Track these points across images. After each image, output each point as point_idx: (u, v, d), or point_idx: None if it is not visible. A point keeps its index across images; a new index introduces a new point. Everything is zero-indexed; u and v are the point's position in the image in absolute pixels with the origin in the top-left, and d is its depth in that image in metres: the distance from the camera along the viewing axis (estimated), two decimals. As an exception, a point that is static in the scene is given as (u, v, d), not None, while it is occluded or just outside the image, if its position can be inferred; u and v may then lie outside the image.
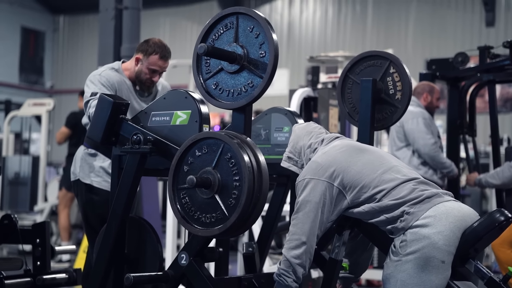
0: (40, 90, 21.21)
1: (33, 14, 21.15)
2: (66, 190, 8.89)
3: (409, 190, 3.19)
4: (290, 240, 3.23)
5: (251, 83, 3.09)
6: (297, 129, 3.56)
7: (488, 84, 6.51)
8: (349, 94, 4.14)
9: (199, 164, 3.01)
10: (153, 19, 18.29)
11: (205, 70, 3.23)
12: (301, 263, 3.20)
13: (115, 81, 4.35)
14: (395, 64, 4.02)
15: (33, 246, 3.90)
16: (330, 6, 17.82)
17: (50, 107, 10.04)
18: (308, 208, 3.22)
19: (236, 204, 2.90)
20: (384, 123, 4.06)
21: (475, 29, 15.89)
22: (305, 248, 3.20)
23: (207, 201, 2.99)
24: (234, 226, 2.92)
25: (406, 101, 3.98)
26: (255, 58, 3.08)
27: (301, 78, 16.50)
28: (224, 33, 3.17)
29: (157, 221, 7.53)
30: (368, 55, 4.11)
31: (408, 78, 3.97)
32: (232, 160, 2.93)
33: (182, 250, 3.28)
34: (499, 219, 3.11)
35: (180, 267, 3.27)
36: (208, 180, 2.95)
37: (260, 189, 2.92)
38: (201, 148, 3.01)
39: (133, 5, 8.05)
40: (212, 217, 2.97)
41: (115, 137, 3.49)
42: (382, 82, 4.01)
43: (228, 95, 3.15)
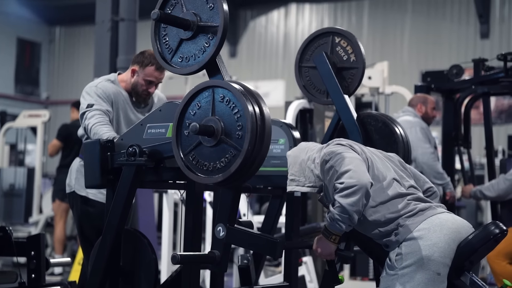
0: (36, 101, 21.19)
1: (29, 25, 21.15)
2: (59, 201, 8.86)
3: (403, 204, 3.20)
4: (344, 188, 3.07)
5: (211, 37, 3.12)
6: (291, 152, 3.53)
7: (483, 96, 6.54)
8: (309, 81, 4.36)
9: (197, 121, 3.00)
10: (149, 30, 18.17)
11: (167, 50, 3.27)
12: (358, 209, 3.07)
13: (111, 92, 4.36)
14: (337, 33, 4.27)
15: (28, 259, 3.89)
16: (326, 17, 17.87)
17: (45, 119, 10.03)
18: (357, 162, 3.16)
19: (242, 139, 2.91)
20: (351, 87, 4.25)
21: (470, 41, 15.94)
22: (362, 192, 3.06)
23: (215, 149, 2.99)
24: (237, 173, 2.92)
25: (362, 59, 4.20)
26: (207, 17, 3.14)
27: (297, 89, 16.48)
28: (174, 8, 3.24)
29: (152, 233, 7.52)
30: (310, 39, 4.33)
31: (354, 39, 4.23)
32: (225, 98, 2.96)
33: (216, 224, 3.18)
34: (494, 231, 3.12)
35: (221, 241, 3.15)
36: (211, 127, 2.96)
37: (262, 135, 2.93)
38: (194, 106, 3.05)
39: (129, 17, 8.08)
40: (221, 162, 2.97)
41: (112, 175, 3.48)
42: (332, 54, 4.24)
43: (194, 59, 3.18)
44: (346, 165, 3.12)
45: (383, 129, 4.14)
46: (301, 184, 3.41)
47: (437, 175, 6.23)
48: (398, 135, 4.10)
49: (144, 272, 3.55)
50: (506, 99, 15.24)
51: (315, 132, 6.79)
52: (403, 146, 4.08)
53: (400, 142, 4.09)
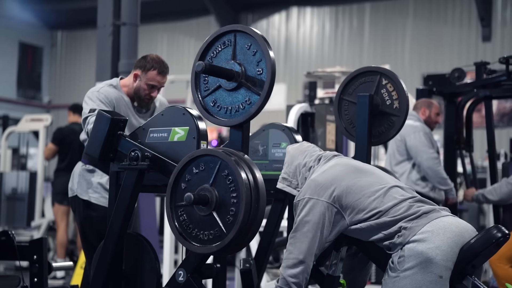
0: (38, 105, 21.21)
1: (31, 30, 21.17)
2: (58, 204, 8.87)
3: (406, 207, 3.20)
4: (287, 258, 3.23)
5: (249, 100, 3.11)
6: (291, 150, 3.56)
7: (485, 100, 6.54)
8: (347, 114, 4.16)
9: (196, 182, 3.02)
10: (150, 34, 18.31)
11: (204, 87, 3.25)
12: (298, 282, 3.20)
13: (113, 97, 4.36)
14: (385, 75, 4.05)
15: (30, 263, 3.89)
16: (327, 21, 17.88)
17: (47, 123, 10.04)
18: (307, 228, 3.22)
19: (234, 221, 2.90)
20: (384, 136, 4.07)
21: (472, 44, 15.94)
22: (302, 267, 3.20)
23: (205, 218, 2.99)
24: (232, 243, 2.92)
25: (405, 108, 3.99)
26: (253, 75, 3.10)
27: (299, 93, 16.54)
28: (222, 50, 3.19)
29: (154, 237, 7.52)
30: (358, 73, 4.14)
31: (401, 86, 4.00)
32: (229, 177, 2.94)
33: (180, 267, 3.28)
34: (496, 235, 3.12)
35: (178, 284, 3.26)
36: (206, 197, 2.96)
37: (257, 205, 2.93)
38: (198, 165, 3.03)
39: (131, 21, 8.09)
40: (210, 234, 2.98)
41: (113, 154, 3.50)
42: (377, 95, 4.03)
43: (226, 112, 3.17)
44: (296, 230, 3.24)
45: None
46: (293, 186, 3.46)
47: (441, 181, 6.22)
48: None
49: (146, 276, 3.55)
50: (508, 102, 15.24)
51: (317, 135, 6.79)
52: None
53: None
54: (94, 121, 3.61)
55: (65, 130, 8.99)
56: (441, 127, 7.66)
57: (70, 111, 9.17)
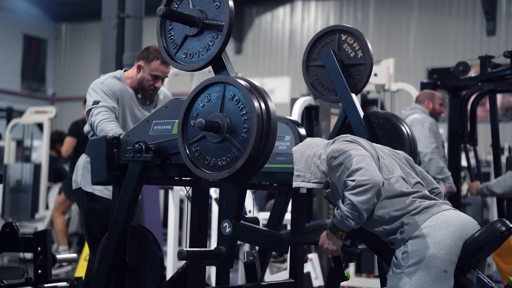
0: (42, 97, 21.23)
1: (36, 22, 21.19)
2: (65, 196, 8.87)
3: (408, 202, 3.19)
4: (356, 185, 3.07)
5: (216, 35, 3.14)
6: (297, 148, 3.53)
7: (489, 94, 6.53)
8: (317, 79, 4.35)
9: (204, 114, 3.04)
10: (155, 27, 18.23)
11: (172, 45, 3.30)
12: (368, 208, 3.09)
13: (117, 89, 4.36)
14: (343, 31, 4.24)
15: (34, 254, 3.90)
16: (331, 14, 17.85)
17: (52, 115, 10.04)
18: (368, 160, 3.16)
19: (248, 138, 2.93)
20: (358, 85, 4.24)
21: (476, 38, 15.91)
22: (375, 190, 3.07)
23: (219, 145, 3.01)
24: (246, 165, 2.94)
25: (369, 54, 4.18)
26: (213, 15, 3.16)
27: (303, 86, 16.50)
28: (180, 4, 3.26)
29: (158, 229, 7.53)
30: (316, 37, 4.32)
31: (361, 35, 4.21)
32: (236, 97, 2.98)
33: (222, 221, 3.20)
34: (500, 229, 3.11)
35: (227, 237, 3.18)
36: (217, 123, 2.98)
37: (269, 124, 2.95)
38: (204, 98, 3.07)
39: (135, 14, 8.08)
40: (227, 158, 3.00)
41: (119, 171, 3.49)
42: (339, 51, 4.22)
43: (199, 56, 3.20)
44: (358, 163, 3.12)
45: (389, 127, 4.14)
46: (307, 180, 3.41)
47: (437, 169, 6.24)
48: (404, 133, 4.09)
49: (150, 268, 3.55)
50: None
51: (321, 129, 6.79)
52: (409, 144, 4.07)
53: (406, 140, 4.08)
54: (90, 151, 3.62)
55: (81, 123, 8.97)
56: (445, 121, 7.66)
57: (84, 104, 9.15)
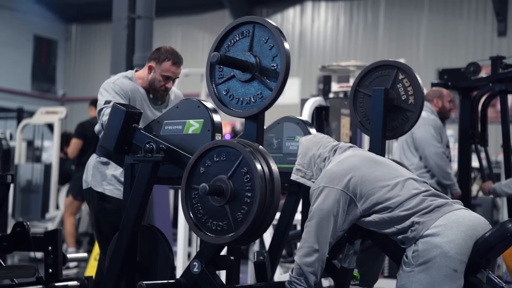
0: (52, 98, 21.29)
1: (46, 23, 21.25)
2: (72, 198, 8.89)
3: (419, 200, 3.19)
4: (302, 247, 3.22)
5: (261, 94, 3.13)
6: (304, 141, 3.56)
7: (500, 94, 6.50)
8: (361, 105, 4.14)
9: (215, 170, 3.04)
10: (165, 28, 18.33)
11: (218, 75, 3.27)
12: (313, 271, 3.20)
13: (129, 89, 4.37)
14: (402, 70, 4.02)
15: (45, 254, 3.92)
16: (341, 15, 17.83)
17: (62, 115, 10.08)
18: (322, 216, 3.22)
19: (248, 212, 2.91)
20: (398, 131, 4.06)
21: (487, 39, 15.85)
22: (318, 256, 3.20)
23: (219, 209, 3.00)
24: (246, 235, 2.93)
25: (420, 104, 3.98)
26: (267, 69, 3.12)
27: (313, 87, 16.52)
28: (240, 40, 3.21)
29: (168, 229, 7.54)
30: (375, 66, 4.12)
31: (417, 81, 3.97)
32: (244, 168, 2.95)
33: (195, 258, 3.29)
34: (511, 229, 3.11)
35: (193, 275, 3.28)
36: (221, 188, 2.97)
37: (272, 198, 2.94)
38: (220, 154, 3.04)
39: (146, 14, 8.10)
40: (224, 225, 2.99)
41: (127, 146, 3.51)
42: (393, 89, 4.01)
43: (238, 103, 3.20)
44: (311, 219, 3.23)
45: None
46: (307, 177, 3.46)
47: (445, 175, 6.23)
48: None
49: (160, 268, 3.56)
50: (523, 97, 15.14)
51: (331, 129, 6.78)
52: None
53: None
54: (109, 113, 3.63)
55: (87, 124, 9.00)
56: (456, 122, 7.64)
57: (91, 105, 9.17)
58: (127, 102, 4.31)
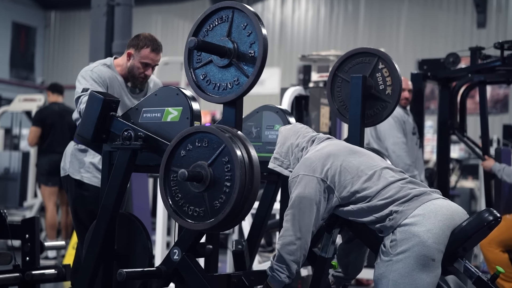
0: (31, 86, 21.14)
1: (25, 10, 21.08)
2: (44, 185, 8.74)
3: (397, 189, 3.20)
4: (284, 236, 3.20)
5: (237, 80, 3.12)
6: (284, 130, 3.55)
7: (479, 85, 6.54)
8: (339, 92, 4.11)
9: (196, 155, 3.02)
10: (145, 16, 18.24)
11: (196, 59, 3.26)
12: (296, 259, 3.18)
13: (107, 77, 4.35)
14: (383, 59, 4.00)
15: (22, 242, 3.88)
16: (322, 5, 17.83)
17: (40, 103, 10.01)
18: (303, 204, 3.21)
19: (226, 202, 2.90)
20: (375, 119, 4.03)
21: (467, 30, 15.93)
22: (300, 244, 3.18)
23: (197, 195, 2.99)
24: (225, 221, 2.92)
25: (397, 96, 3.95)
26: (245, 55, 3.11)
27: (293, 77, 16.51)
28: (218, 25, 3.20)
29: (147, 218, 7.53)
30: (356, 52, 4.08)
31: (397, 73, 3.95)
32: (228, 165, 2.93)
33: (174, 246, 3.28)
34: (487, 218, 3.12)
35: (173, 263, 3.27)
36: (200, 174, 2.96)
37: (251, 186, 2.93)
38: (202, 140, 3.02)
39: (125, 2, 8.04)
40: (201, 211, 2.98)
41: (105, 135, 3.49)
42: (371, 78, 3.99)
43: (215, 88, 3.19)
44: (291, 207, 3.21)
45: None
46: (284, 166, 3.45)
47: (404, 166, 6.20)
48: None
49: (138, 256, 3.55)
50: (501, 88, 15.26)
51: (311, 118, 6.78)
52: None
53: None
54: (86, 101, 3.60)
55: (45, 111, 8.88)
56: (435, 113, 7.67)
57: (49, 91, 9.05)
58: (105, 90, 4.28)
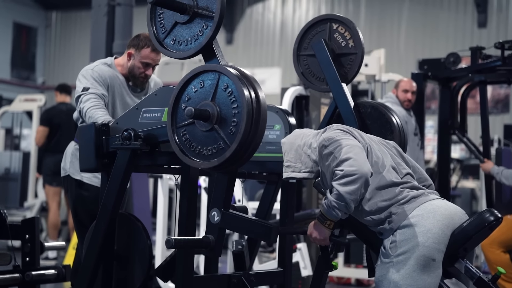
0: (32, 86, 21.14)
1: (26, 10, 21.08)
2: (48, 185, 8.80)
3: (396, 192, 3.19)
4: (344, 175, 3.05)
5: (205, 25, 3.14)
6: (286, 140, 3.49)
7: (480, 85, 6.53)
8: (307, 67, 4.31)
9: (196, 100, 3.03)
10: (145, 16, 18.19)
11: (161, 30, 3.30)
12: (355, 198, 3.07)
13: (108, 76, 4.34)
14: (334, 20, 4.20)
15: (22, 242, 3.88)
16: (323, 5, 17.83)
17: (41, 103, 10.01)
18: (356, 150, 3.11)
19: (236, 132, 2.91)
20: (350, 74, 4.19)
21: (467, 30, 15.93)
22: (362, 181, 3.05)
23: (207, 134, 3.00)
24: (233, 156, 2.93)
25: (360, 43, 4.14)
26: (204, 3, 3.15)
27: (293, 76, 16.49)
28: None
29: (147, 218, 7.52)
30: (307, 27, 4.28)
31: (351, 24, 4.16)
32: (228, 89, 2.96)
33: (211, 209, 3.21)
34: (488, 219, 3.12)
35: (216, 225, 3.18)
36: (207, 112, 2.96)
37: (258, 117, 2.94)
38: (198, 83, 3.04)
39: (125, 2, 8.05)
40: (212, 148, 2.99)
41: (107, 159, 3.47)
42: (330, 41, 4.18)
43: (187, 44, 3.21)
44: (347, 153, 3.10)
45: (377, 115, 4.13)
46: (297, 170, 3.39)
47: None
48: (394, 123, 4.09)
49: (138, 257, 3.54)
50: (502, 88, 15.25)
51: (311, 118, 6.78)
52: (399, 134, 4.07)
53: (396, 130, 4.07)
54: (78, 138, 3.59)
55: (52, 110, 8.92)
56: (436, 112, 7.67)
57: (57, 91, 9.10)
58: (106, 89, 4.28)
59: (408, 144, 6.38)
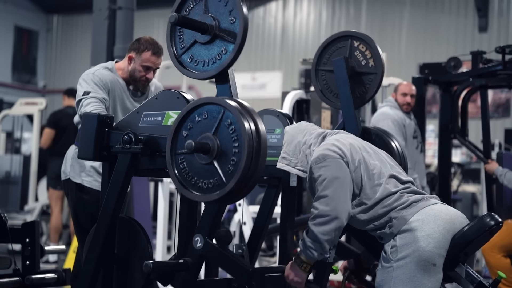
0: (33, 89, 21.14)
1: (27, 14, 21.09)
2: (52, 189, 8.84)
3: (396, 197, 3.19)
4: (319, 216, 3.08)
5: (225, 50, 3.11)
6: (289, 129, 3.53)
7: (480, 89, 6.54)
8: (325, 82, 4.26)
9: (198, 130, 3.02)
10: (146, 19, 18.26)
11: (180, 46, 3.26)
12: (330, 239, 3.09)
13: (108, 80, 4.34)
14: (356, 37, 4.14)
15: (22, 246, 3.87)
16: (324, 9, 17.83)
17: (42, 107, 10.01)
18: (337, 184, 3.13)
19: (235, 169, 2.89)
20: (366, 95, 4.16)
21: (468, 34, 15.92)
22: (336, 224, 3.07)
23: (206, 167, 2.98)
24: (232, 192, 2.91)
25: (381, 64, 4.09)
26: (226, 26, 3.12)
27: (294, 80, 16.49)
28: (195, 6, 3.21)
29: (147, 222, 7.52)
30: (328, 42, 4.22)
31: (373, 43, 4.10)
32: (232, 126, 2.93)
33: (195, 234, 3.23)
34: (489, 223, 3.11)
35: (197, 251, 3.21)
36: (207, 145, 2.95)
37: (258, 155, 2.92)
38: (201, 114, 3.02)
39: (127, 5, 8.06)
40: (210, 183, 2.97)
41: (106, 151, 3.47)
42: (351, 58, 4.12)
43: (204, 65, 3.19)
44: (326, 188, 3.11)
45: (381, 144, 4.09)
46: (292, 165, 3.41)
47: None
48: (394, 149, 4.10)
49: (138, 260, 3.53)
50: (503, 93, 15.25)
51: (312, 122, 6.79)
52: (399, 159, 4.07)
53: (397, 156, 4.08)
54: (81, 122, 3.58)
55: (59, 113, 8.95)
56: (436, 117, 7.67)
57: (65, 95, 9.14)
58: (107, 93, 4.28)
59: (407, 147, 6.39)
